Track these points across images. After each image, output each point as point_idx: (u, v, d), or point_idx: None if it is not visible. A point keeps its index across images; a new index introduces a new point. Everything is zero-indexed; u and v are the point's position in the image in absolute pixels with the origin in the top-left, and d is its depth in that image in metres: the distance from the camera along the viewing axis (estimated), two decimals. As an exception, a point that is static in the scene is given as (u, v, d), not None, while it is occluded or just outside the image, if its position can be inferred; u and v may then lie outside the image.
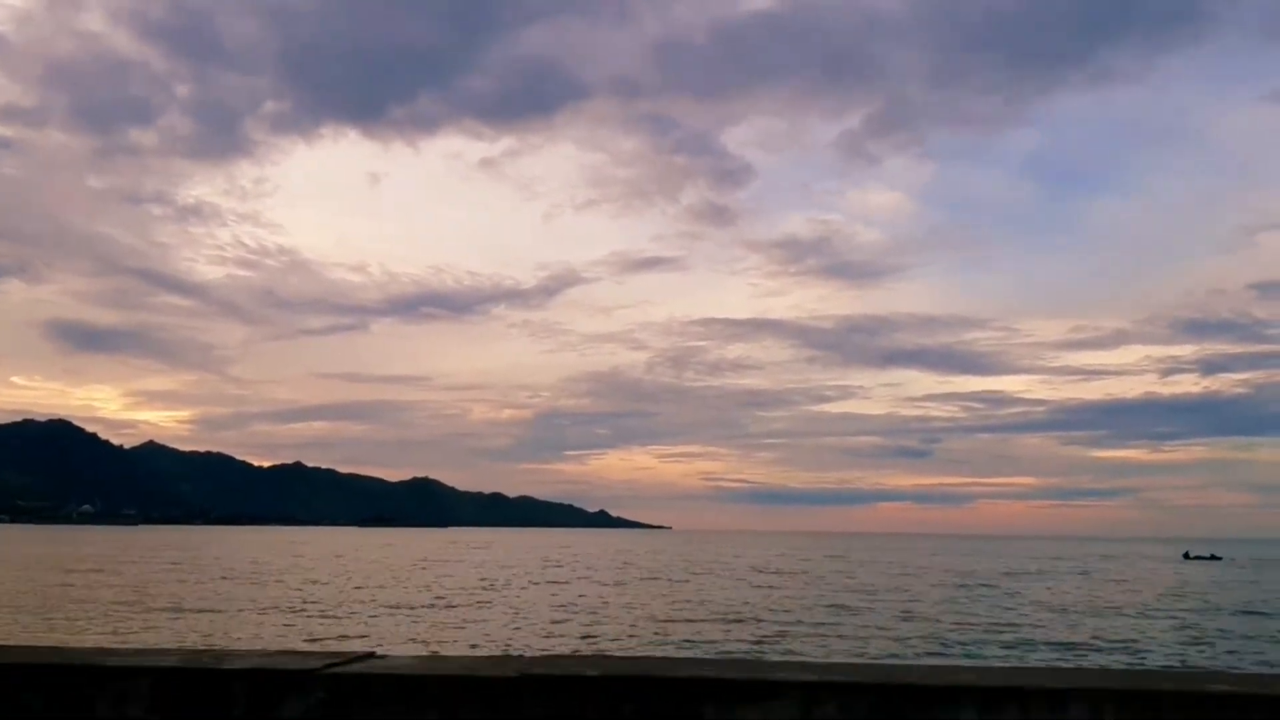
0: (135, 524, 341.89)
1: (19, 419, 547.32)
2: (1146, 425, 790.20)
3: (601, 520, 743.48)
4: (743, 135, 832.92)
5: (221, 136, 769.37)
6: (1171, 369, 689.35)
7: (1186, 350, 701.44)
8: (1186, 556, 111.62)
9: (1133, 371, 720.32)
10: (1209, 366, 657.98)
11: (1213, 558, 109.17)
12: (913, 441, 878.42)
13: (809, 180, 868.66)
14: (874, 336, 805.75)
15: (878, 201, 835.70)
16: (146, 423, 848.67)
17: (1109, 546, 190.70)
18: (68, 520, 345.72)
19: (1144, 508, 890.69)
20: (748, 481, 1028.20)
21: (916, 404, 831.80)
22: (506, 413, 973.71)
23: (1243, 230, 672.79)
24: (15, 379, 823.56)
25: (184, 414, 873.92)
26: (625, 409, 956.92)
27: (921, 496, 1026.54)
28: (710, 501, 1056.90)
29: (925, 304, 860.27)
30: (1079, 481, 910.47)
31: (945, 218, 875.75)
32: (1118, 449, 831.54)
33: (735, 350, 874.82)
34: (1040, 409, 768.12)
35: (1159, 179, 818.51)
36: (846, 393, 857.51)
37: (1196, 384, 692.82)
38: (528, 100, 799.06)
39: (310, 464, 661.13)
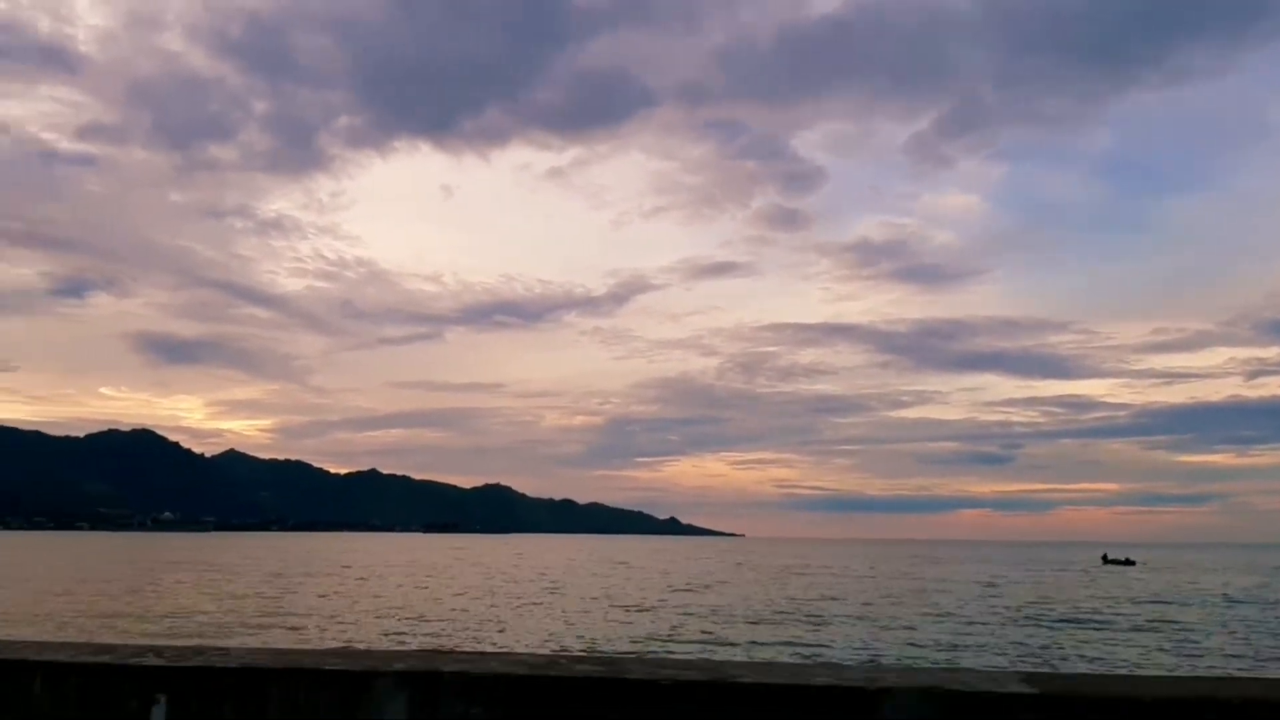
0: (208, 530, 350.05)
1: (105, 429, 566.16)
2: (1232, 429, 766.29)
3: (672, 528, 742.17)
4: (812, 139, 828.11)
5: (298, 151, 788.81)
6: (1257, 371, 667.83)
7: (1272, 352, 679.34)
8: (1105, 559, 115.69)
9: (1217, 374, 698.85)
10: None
11: (1127, 562, 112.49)
12: (992, 447, 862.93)
13: (881, 183, 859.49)
14: (950, 340, 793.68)
15: (951, 203, 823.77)
16: (230, 431, 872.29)
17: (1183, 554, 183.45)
18: (143, 527, 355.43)
19: (1231, 513, 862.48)
20: (822, 489, 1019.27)
21: (995, 409, 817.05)
22: (578, 419, 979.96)
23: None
24: (104, 390, 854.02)
25: (265, 423, 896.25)
26: (696, 415, 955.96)
27: (1001, 503, 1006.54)
28: (783, 509, 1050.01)
29: (1003, 307, 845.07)
30: (1163, 487, 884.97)
31: (1021, 219, 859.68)
32: (1203, 453, 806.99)
33: (807, 355, 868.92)
34: (1123, 413, 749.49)
35: (1240, 177, 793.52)
36: (923, 398, 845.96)
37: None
38: (594, 110, 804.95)
39: (385, 471, 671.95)
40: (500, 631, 31.71)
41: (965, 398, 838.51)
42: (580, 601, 44.78)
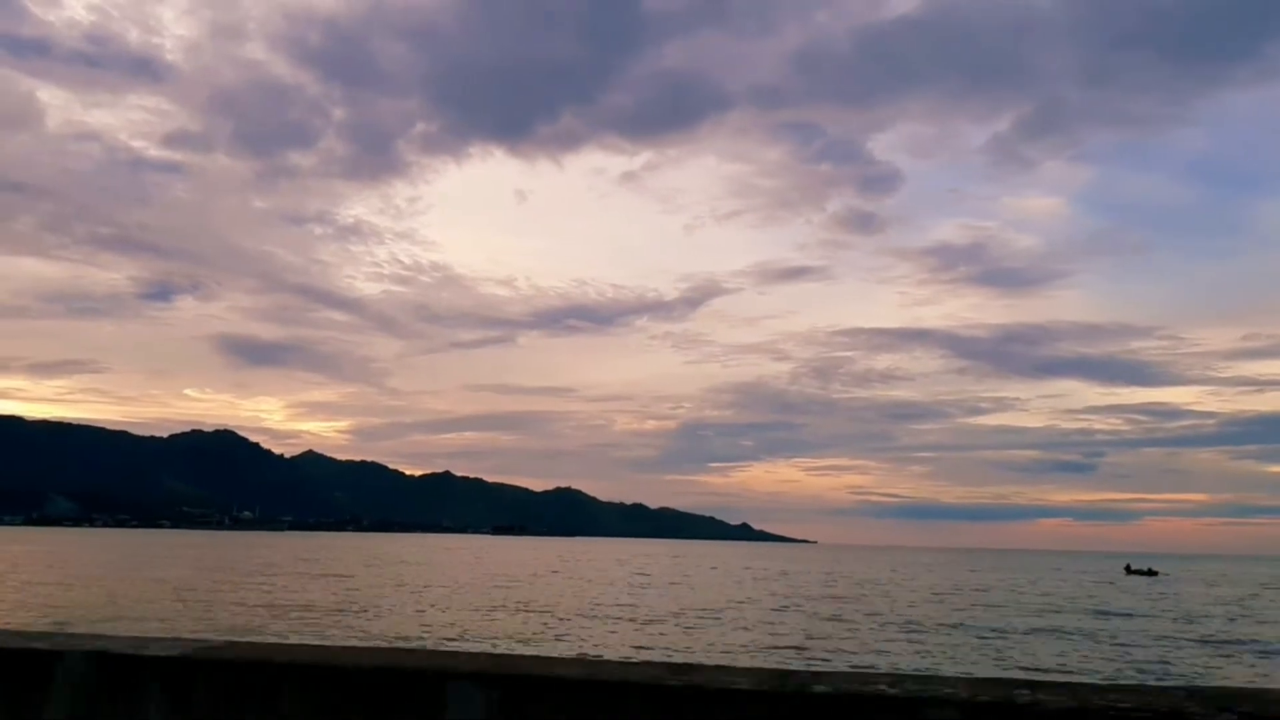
0: (283, 529, 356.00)
1: (189, 429, 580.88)
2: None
3: (744, 534, 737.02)
4: (889, 141, 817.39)
5: (376, 157, 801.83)
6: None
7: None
8: (1128, 570, 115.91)
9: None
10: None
11: (1150, 572, 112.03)
12: (1074, 455, 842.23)
13: (960, 186, 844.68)
14: (1031, 346, 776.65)
15: (1033, 206, 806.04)
16: (308, 432, 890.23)
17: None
18: (221, 526, 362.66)
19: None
20: (898, 496, 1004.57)
21: (1077, 416, 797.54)
22: (650, 424, 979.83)
23: None
24: (189, 391, 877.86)
25: (342, 424, 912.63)
26: (770, 420, 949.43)
27: (1083, 513, 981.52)
28: (858, 516, 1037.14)
29: (1086, 312, 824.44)
30: (1253, 498, 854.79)
31: (1105, 222, 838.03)
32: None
33: (884, 361, 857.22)
34: (1210, 422, 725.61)
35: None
36: (1002, 404, 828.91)
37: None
38: (668, 114, 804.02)
39: (459, 473, 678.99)
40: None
41: (1046, 405, 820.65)
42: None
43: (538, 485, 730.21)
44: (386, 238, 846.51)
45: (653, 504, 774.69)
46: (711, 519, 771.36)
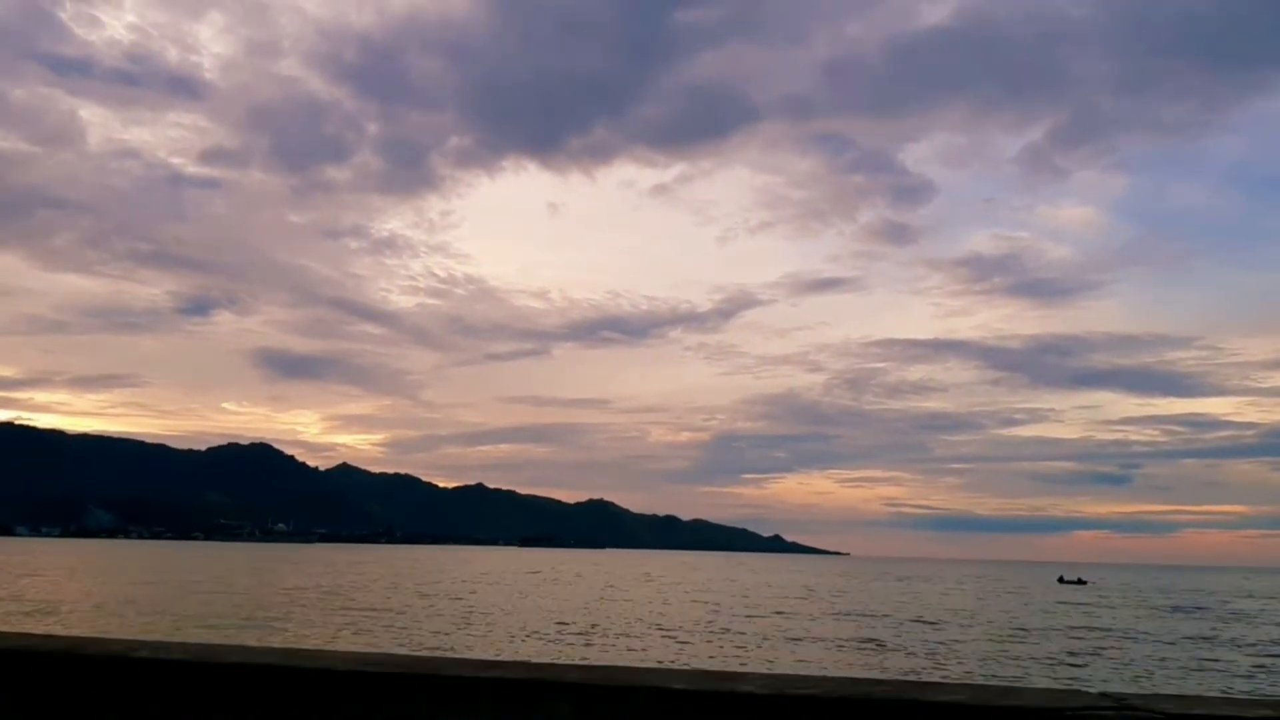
0: (313, 541, 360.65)
1: (226, 442, 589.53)
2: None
3: (776, 545, 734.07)
4: (921, 152, 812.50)
5: (410, 171, 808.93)
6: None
7: None
8: (1061, 580, 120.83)
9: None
10: None
11: (1079, 581, 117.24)
12: (1110, 467, 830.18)
13: (993, 196, 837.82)
14: (1066, 357, 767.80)
15: (1068, 216, 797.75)
16: (344, 445, 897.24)
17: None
18: (252, 538, 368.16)
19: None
20: (932, 508, 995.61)
21: (1113, 427, 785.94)
22: (684, 435, 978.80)
23: None
24: (226, 405, 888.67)
25: (378, 437, 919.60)
26: (803, 432, 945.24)
27: (1120, 525, 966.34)
28: (891, 528, 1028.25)
29: (1121, 322, 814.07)
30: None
31: (1141, 231, 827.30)
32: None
33: (917, 372, 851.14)
34: (1250, 433, 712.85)
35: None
36: (1037, 416, 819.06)
37: None
38: (700, 125, 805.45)
39: (491, 485, 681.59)
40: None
41: (1081, 416, 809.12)
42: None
43: (570, 497, 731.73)
44: (421, 251, 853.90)
45: (685, 516, 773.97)
46: (744, 531, 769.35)
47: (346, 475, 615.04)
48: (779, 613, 52.97)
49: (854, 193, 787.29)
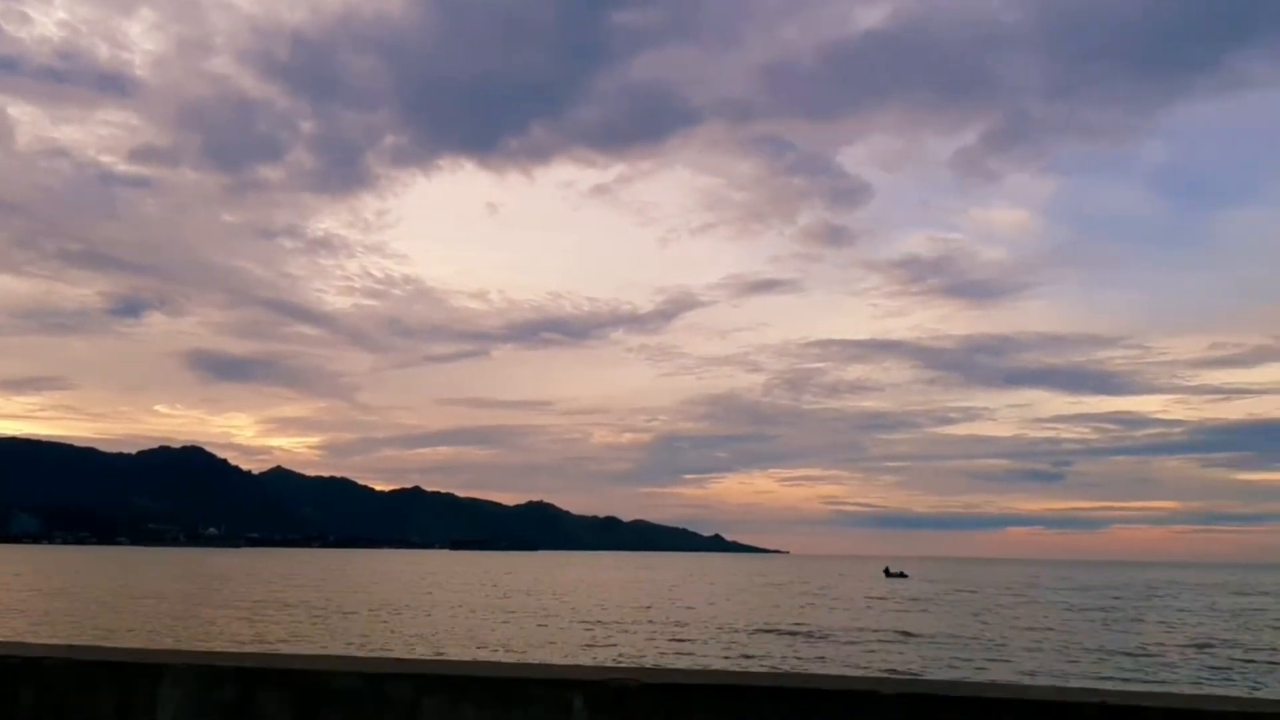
0: (239, 546, 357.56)
1: (157, 446, 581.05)
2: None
3: (716, 545, 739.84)
4: (859, 155, 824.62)
5: (345, 170, 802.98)
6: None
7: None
8: (887, 573, 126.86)
9: (1276, 390, 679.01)
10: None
11: (901, 575, 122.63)
12: (1042, 464, 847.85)
13: (928, 198, 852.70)
14: (999, 356, 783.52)
15: (1000, 218, 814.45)
16: (279, 448, 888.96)
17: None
18: (176, 543, 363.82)
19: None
20: (869, 505, 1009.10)
21: (1045, 425, 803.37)
22: (625, 436, 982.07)
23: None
24: (159, 407, 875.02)
25: (313, 440, 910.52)
26: (744, 432, 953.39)
27: (1052, 521, 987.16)
28: (830, 526, 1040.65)
29: (1052, 322, 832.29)
30: (1223, 506, 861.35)
31: (1071, 233, 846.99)
32: (1263, 471, 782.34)
33: (855, 372, 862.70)
34: (1178, 430, 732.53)
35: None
36: (971, 414, 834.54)
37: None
38: (639, 127, 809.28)
39: (429, 488, 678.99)
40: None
41: (1014, 414, 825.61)
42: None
43: (510, 499, 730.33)
44: (357, 251, 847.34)
45: (626, 517, 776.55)
46: (684, 531, 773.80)
47: (281, 479, 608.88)
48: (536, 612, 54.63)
49: (793, 195, 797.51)
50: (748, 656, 31.01)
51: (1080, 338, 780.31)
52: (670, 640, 36.17)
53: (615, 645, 34.17)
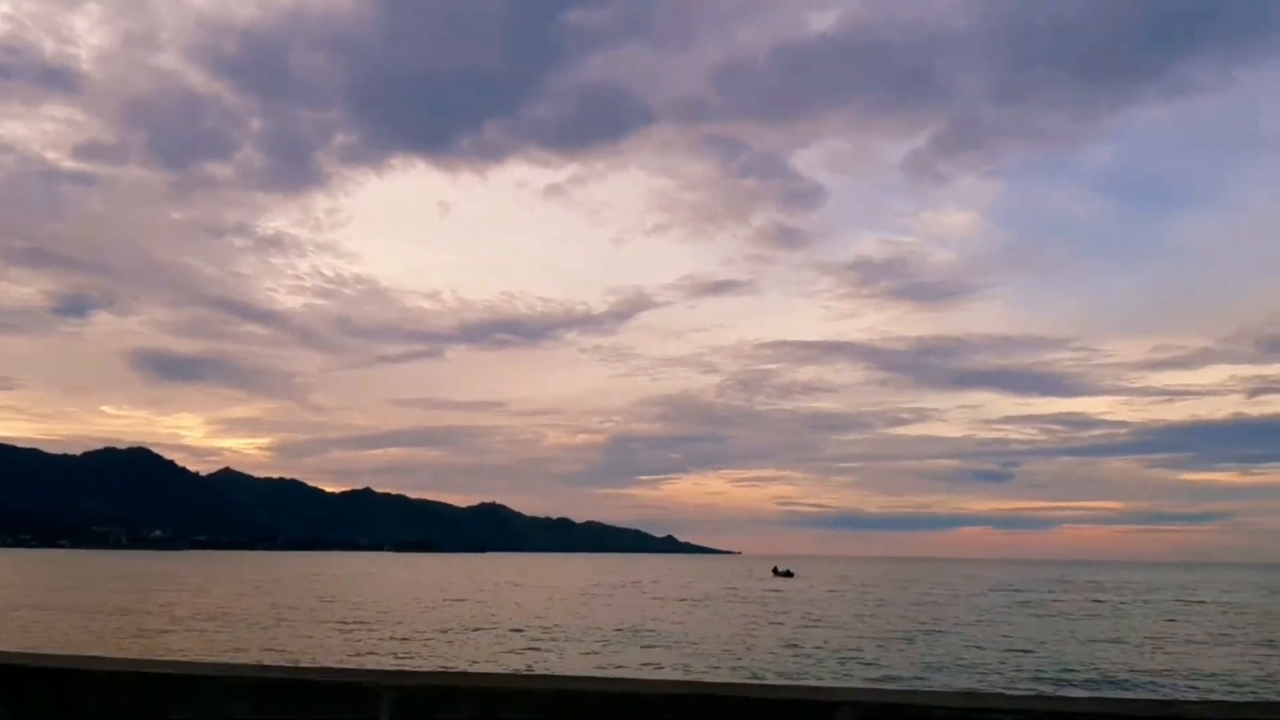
0: (183, 549, 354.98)
1: (103, 447, 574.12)
2: (1235, 447, 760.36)
3: (669, 546, 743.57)
4: (812, 157, 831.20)
5: (295, 168, 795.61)
6: (1259, 388, 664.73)
7: (1275, 369, 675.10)
8: (775, 572, 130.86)
9: (1219, 391, 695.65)
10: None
11: (787, 574, 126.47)
12: (992, 465, 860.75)
13: (880, 201, 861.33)
14: (949, 358, 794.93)
15: (950, 221, 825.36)
16: (229, 450, 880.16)
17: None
18: (119, 545, 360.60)
19: (1236, 532, 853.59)
20: (822, 506, 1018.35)
21: (994, 426, 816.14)
22: (580, 437, 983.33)
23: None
24: (105, 408, 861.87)
25: (264, 441, 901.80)
26: (698, 433, 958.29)
27: (1002, 521, 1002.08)
28: (784, 526, 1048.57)
29: (1001, 324, 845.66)
30: (1166, 505, 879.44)
31: (1020, 236, 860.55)
32: (1206, 472, 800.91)
33: (807, 373, 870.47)
34: (1123, 431, 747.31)
35: (1243, 192, 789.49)
36: (922, 415, 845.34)
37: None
38: (593, 126, 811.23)
39: (380, 490, 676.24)
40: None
41: (964, 415, 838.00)
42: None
43: (462, 501, 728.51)
44: (308, 250, 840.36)
45: (578, 518, 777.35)
46: (637, 532, 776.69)
47: (229, 480, 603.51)
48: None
49: (747, 197, 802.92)
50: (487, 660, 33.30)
51: (1028, 340, 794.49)
52: (447, 643, 38.43)
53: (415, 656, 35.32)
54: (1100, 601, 74.96)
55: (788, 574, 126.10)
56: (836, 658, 34.08)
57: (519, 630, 43.65)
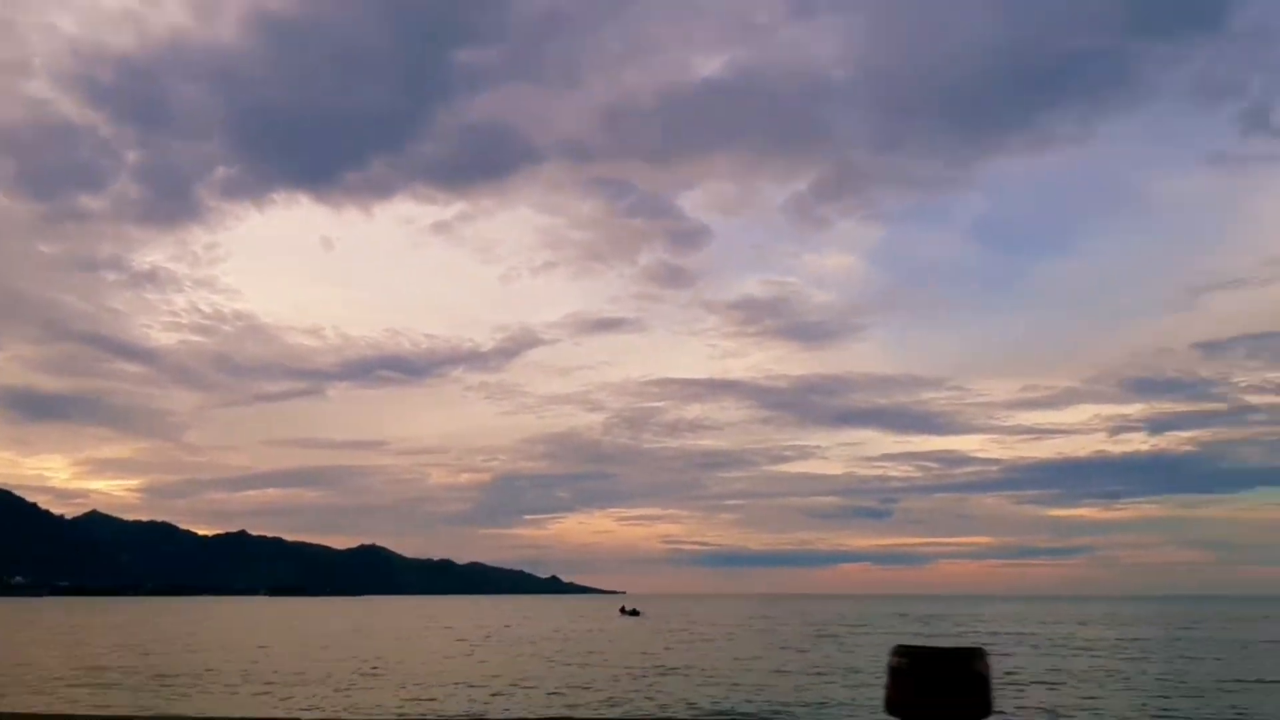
0: (43, 595, 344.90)
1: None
2: (1098, 484, 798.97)
3: (553, 586, 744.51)
4: (698, 199, 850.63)
5: (173, 202, 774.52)
6: (1120, 427, 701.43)
7: (1135, 409, 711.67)
8: (622, 611, 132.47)
9: (1083, 430, 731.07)
10: (1157, 425, 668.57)
11: (634, 612, 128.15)
12: (871, 501, 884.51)
13: (764, 243, 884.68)
14: (830, 396, 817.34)
15: (831, 264, 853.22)
16: (97, 491, 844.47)
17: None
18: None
19: (1099, 566, 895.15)
20: (708, 544, 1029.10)
21: (874, 464, 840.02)
22: (464, 476, 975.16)
23: (1186, 291, 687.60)
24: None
25: (134, 482, 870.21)
26: (585, 471, 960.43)
27: (881, 557, 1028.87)
28: (669, 565, 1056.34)
29: (880, 364, 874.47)
30: (1035, 540, 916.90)
31: (896, 279, 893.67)
32: (1071, 508, 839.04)
33: (693, 411, 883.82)
34: (994, 468, 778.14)
35: (1103, 241, 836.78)
36: (804, 453, 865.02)
37: (1145, 442, 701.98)
38: (480, 164, 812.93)
39: (256, 532, 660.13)
40: None
41: (845, 453, 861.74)
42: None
43: (340, 543, 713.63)
44: (185, 285, 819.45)
45: (461, 559, 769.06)
46: (521, 573, 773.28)
47: (97, 523, 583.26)
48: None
49: (634, 236, 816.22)
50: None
51: (905, 379, 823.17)
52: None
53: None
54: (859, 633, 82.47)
55: (634, 613, 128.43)
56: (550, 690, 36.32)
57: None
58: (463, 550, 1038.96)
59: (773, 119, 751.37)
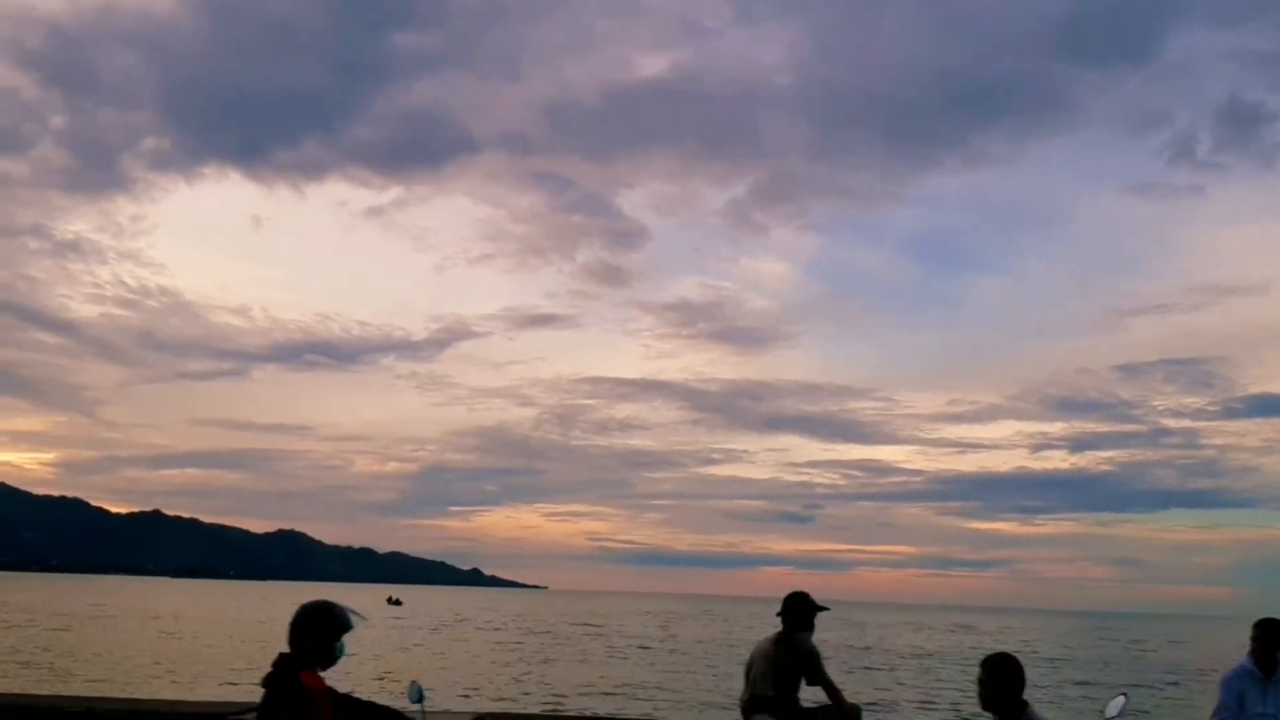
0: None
1: None
2: (1018, 499, 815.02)
3: (474, 579, 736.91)
4: (637, 198, 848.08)
5: (99, 171, 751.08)
6: (1042, 445, 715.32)
7: (1056, 427, 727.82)
8: (389, 601, 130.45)
9: (1005, 446, 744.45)
10: (1077, 444, 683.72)
11: (397, 602, 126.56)
12: (795, 507, 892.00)
13: (701, 245, 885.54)
14: (759, 401, 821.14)
15: (767, 270, 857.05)
16: (6, 464, 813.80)
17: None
18: None
19: (1016, 579, 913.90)
20: (633, 543, 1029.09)
21: (799, 470, 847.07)
22: (390, 465, 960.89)
23: (1109, 313, 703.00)
24: None
25: (46, 456, 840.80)
26: (514, 465, 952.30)
27: (803, 562, 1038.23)
28: (594, 562, 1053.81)
29: (809, 372, 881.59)
30: (954, 552, 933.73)
31: (829, 289, 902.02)
32: (991, 521, 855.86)
33: (624, 410, 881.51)
34: (918, 479, 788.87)
35: (1030, 260, 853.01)
36: (732, 456, 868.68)
37: (1065, 460, 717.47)
38: (417, 151, 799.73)
39: (172, 512, 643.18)
40: None
41: (771, 458, 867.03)
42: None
43: (259, 527, 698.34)
44: (109, 257, 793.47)
45: (383, 548, 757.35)
46: (442, 564, 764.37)
47: (2, 497, 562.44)
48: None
49: (573, 232, 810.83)
50: None
51: (834, 388, 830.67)
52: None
53: None
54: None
55: (397, 603, 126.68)
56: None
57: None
58: (385, 539, 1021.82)
59: (713, 123, 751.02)
